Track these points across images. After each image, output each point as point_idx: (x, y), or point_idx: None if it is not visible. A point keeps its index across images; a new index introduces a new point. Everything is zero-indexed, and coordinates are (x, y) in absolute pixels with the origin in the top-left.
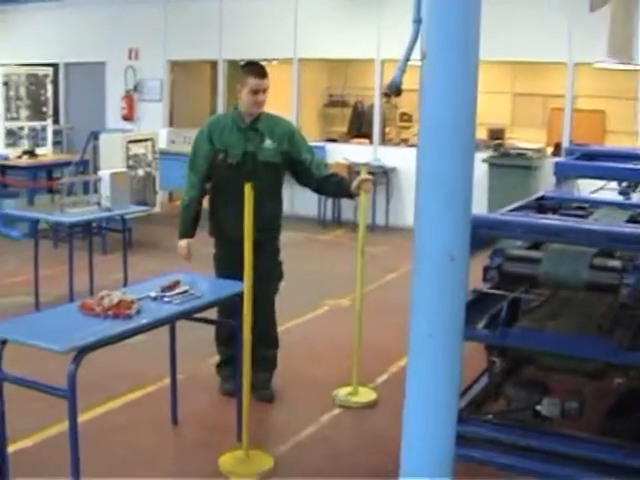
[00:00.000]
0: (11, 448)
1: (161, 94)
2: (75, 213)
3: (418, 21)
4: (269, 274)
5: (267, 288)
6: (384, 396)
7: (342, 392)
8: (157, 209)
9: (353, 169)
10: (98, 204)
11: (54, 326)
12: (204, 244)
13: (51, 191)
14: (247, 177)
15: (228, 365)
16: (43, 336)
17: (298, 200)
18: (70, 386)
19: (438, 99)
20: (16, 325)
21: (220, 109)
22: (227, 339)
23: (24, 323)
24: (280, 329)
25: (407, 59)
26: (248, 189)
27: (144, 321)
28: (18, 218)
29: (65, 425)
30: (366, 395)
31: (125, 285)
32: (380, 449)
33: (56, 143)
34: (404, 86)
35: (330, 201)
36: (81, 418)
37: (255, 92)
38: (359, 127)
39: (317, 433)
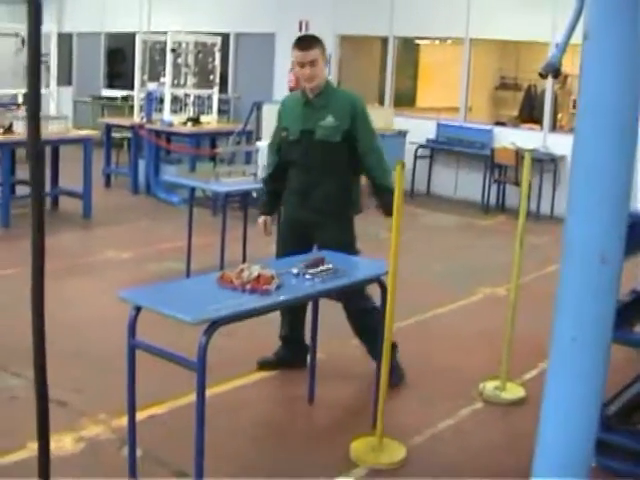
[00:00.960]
0: (145, 413)
1: (329, 67)
2: (229, 183)
3: None
4: None
5: None
6: (531, 394)
7: (489, 386)
8: None
9: (520, 154)
10: (254, 175)
11: (190, 296)
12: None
13: (213, 159)
14: (303, 156)
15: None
16: (177, 306)
17: (461, 183)
18: (200, 359)
19: (599, 84)
20: (153, 293)
21: (388, 87)
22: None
23: (161, 291)
24: (430, 314)
25: (568, 39)
26: (399, 169)
27: (282, 298)
28: (175, 185)
29: None
30: (514, 391)
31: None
32: (521, 450)
33: (223, 112)
34: (574, 70)
35: (494, 186)
36: (217, 389)
37: (301, 65)
38: (530, 112)
39: (456, 427)
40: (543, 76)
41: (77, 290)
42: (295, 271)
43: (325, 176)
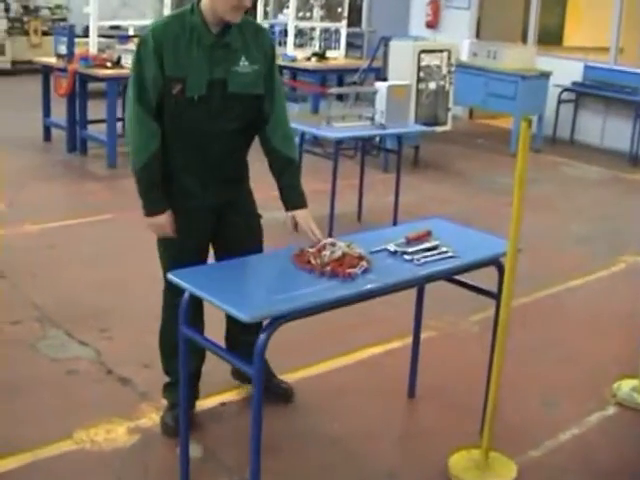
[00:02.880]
0: (216, 399)
1: (470, 1)
2: (341, 128)
3: None
4: (254, 241)
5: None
6: None
7: (625, 386)
8: (448, 127)
9: None
10: (371, 119)
11: (255, 280)
12: None
13: (340, 98)
14: (213, 119)
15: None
16: (234, 293)
17: (608, 132)
18: (257, 362)
19: None
20: (210, 273)
21: (532, 23)
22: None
23: (221, 271)
24: (562, 288)
25: None
26: (525, 127)
27: (368, 286)
28: None
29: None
30: None
31: (395, 213)
32: None
33: (356, 47)
34: None
35: None
36: (306, 371)
37: None
38: None
39: (581, 438)
40: None
41: None
42: (392, 249)
43: (238, 142)
